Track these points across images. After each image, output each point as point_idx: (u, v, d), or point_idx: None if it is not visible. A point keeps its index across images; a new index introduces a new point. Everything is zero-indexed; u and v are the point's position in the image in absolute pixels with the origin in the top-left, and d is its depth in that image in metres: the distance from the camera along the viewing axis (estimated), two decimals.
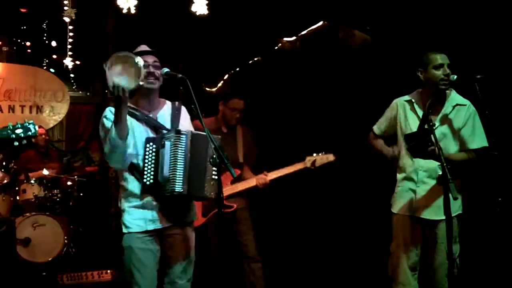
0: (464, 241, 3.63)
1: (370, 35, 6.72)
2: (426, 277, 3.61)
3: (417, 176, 3.55)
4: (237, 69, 9.22)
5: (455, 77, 3.39)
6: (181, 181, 2.84)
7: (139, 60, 2.81)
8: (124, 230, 3.01)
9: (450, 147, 3.48)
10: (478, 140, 3.45)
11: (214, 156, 2.76)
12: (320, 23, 7.51)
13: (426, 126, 3.14)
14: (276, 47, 8.54)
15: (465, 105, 3.51)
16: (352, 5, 6.06)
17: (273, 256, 5.47)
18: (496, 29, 4.38)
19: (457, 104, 3.51)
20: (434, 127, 3.22)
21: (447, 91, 3.51)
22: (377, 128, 3.85)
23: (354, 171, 5.60)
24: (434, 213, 3.49)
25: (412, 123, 3.58)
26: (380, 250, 3.90)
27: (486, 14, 4.45)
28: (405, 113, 3.65)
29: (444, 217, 3.14)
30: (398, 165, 3.70)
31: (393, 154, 3.70)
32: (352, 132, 4.38)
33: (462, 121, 3.49)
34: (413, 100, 3.63)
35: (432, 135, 3.10)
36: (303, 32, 7.90)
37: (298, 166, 4.25)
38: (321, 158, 4.21)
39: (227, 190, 4.26)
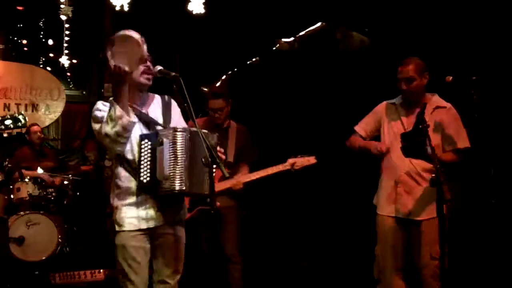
0: (459, 243, 3.62)
1: (368, 36, 6.71)
2: (413, 277, 3.63)
3: (400, 178, 3.60)
4: (235, 69, 9.22)
5: (451, 78, 3.39)
6: (182, 179, 2.80)
7: (142, 40, 2.77)
8: (117, 228, 2.96)
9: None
10: (462, 141, 3.50)
11: (206, 155, 2.74)
12: (319, 24, 7.50)
13: (420, 126, 3.15)
14: (274, 48, 8.53)
15: (445, 107, 3.60)
16: (351, 7, 6.05)
17: (262, 259, 5.50)
18: (492, 31, 4.38)
19: (437, 107, 3.60)
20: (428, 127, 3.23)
21: (429, 95, 3.61)
22: (361, 129, 3.88)
23: (340, 172, 5.61)
24: (417, 213, 3.56)
25: (395, 126, 3.66)
26: (366, 251, 3.90)
27: (482, 16, 4.45)
28: (389, 116, 3.73)
29: (427, 217, 3.37)
30: (382, 166, 3.75)
31: (379, 147, 3.68)
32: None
33: (444, 123, 3.55)
34: (396, 103, 3.72)
35: (426, 136, 3.11)
36: (301, 33, 7.89)
37: (277, 168, 4.23)
38: (302, 161, 4.20)
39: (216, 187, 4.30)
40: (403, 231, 3.63)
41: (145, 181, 2.85)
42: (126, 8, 5.22)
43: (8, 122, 2.77)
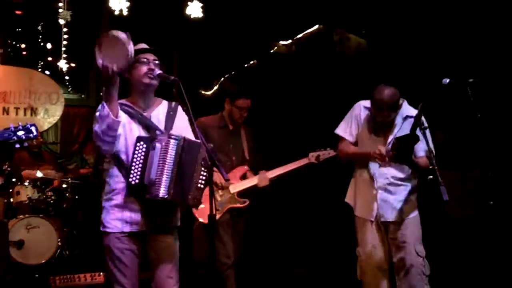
0: (457, 244, 3.64)
1: (365, 38, 6.74)
2: (399, 277, 3.64)
3: (377, 181, 3.66)
4: (233, 72, 9.24)
5: (448, 80, 3.41)
6: (166, 187, 2.80)
7: (128, 40, 2.75)
8: (101, 229, 2.97)
9: None
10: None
11: (206, 157, 2.75)
12: (316, 26, 7.54)
13: (418, 130, 3.19)
14: (271, 51, 8.56)
15: (413, 116, 3.58)
16: (348, 9, 6.08)
17: (257, 262, 5.49)
18: (489, 34, 4.40)
19: (407, 116, 3.65)
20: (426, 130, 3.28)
21: (399, 102, 3.62)
22: (348, 135, 3.84)
23: (337, 174, 5.63)
24: (396, 214, 3.63)
25: (367, 128, 3.71)
26: (348, 253, 3.91)
27: (478, 19, 4.47)
28: (367, 122, 3.75)
29: (405, 217, 3.53)
30: (357, 170, 3.80)
31: (378, 152, 3.62)
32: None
33: None
34: (371, 109, 3.73)
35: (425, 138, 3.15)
36: (298, 36, 7.92)
37: (301, 162, 4.28)
38: (323, 153, 4.29)
39: (239, 185, 4.33)
40: (384, 233, 3.68)
41: (133, 182, 2.85)
42: (125, 13, 5.23)
43: (20, 133, 2.77)
